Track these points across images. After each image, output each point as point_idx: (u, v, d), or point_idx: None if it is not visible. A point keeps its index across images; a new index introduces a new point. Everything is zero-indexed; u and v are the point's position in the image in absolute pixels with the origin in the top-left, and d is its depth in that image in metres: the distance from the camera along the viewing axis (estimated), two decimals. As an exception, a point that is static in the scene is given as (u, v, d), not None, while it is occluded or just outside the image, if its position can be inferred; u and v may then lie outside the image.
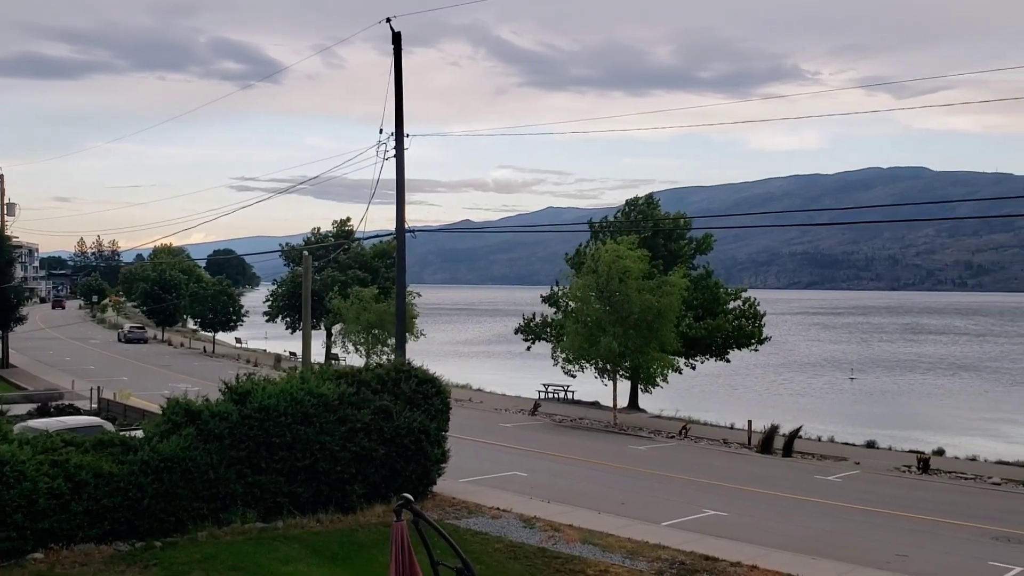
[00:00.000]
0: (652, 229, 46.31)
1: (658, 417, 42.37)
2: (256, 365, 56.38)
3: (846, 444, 35.53)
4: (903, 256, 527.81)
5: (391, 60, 27.34)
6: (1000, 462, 32.00)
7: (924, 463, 29.23)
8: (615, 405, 39.81)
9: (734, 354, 46.87)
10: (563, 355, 39.06)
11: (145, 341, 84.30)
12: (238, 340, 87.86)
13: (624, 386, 42.98)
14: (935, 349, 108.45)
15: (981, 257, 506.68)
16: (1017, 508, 23.53)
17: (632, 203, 49.29)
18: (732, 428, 38.33)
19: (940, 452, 33.55)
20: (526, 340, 49.02)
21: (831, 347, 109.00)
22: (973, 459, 32.72)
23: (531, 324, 48.57)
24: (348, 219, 74.92)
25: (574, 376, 41.05)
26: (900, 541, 18.85)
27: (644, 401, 45.85)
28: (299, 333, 61.40)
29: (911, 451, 33.58)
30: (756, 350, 47.64)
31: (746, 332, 44.80)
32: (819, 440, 35.81)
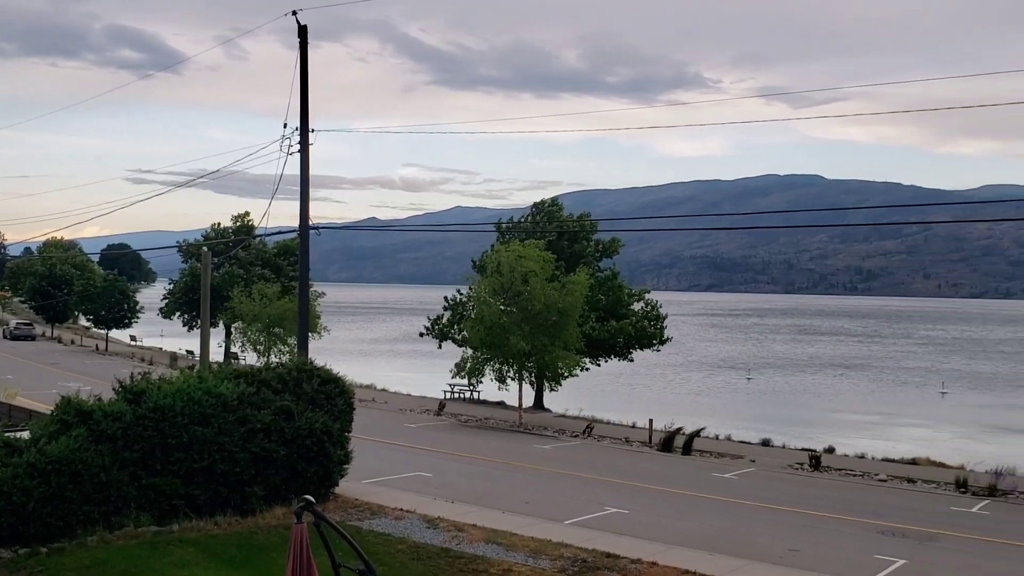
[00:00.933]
0: (556, 230, 46.80)
1: (563, 416, 42.79)
2: (151, 364, 54.64)
3: (743, 442, 36.54)
4: (798, 261, 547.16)
5: (297, 53, 26.87)
6: (886, 459, 33.42)
7: (816, 461, 30.34)
8: (520, 405, 40.02)
9: (636, 354, 47.77)
10: (466, 364, 38.77)
11: (33, 338, 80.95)
12: (133, 338, 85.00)
13: (529, 386, 43.26)
14: (826, 350, 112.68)
15: (871, 263, 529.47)
16: (901, 504, 24.62)
17: (539, 206, 49.88)
18: (634, 427, 38.99)
19: (831, 450, 34.84)
20: (435, 338, 48.86)
21: (729, 348, 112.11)
22: (861, 457, 34.08)
23: (437, 323, 48.43)
24: (247, 214, 73.09)
25: (477, 383, 41.09)
26: (793, 536, 19.49)
27: (549, 401, 46.26)
28: (196, 331, 59.60)
29: (803, 449, 34.77)
30: (658, 350, 48.68)
31: (648, 333, 45.71)
32: (717, 439, 36.74)
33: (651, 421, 35.74)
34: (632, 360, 48.67)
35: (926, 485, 27.71)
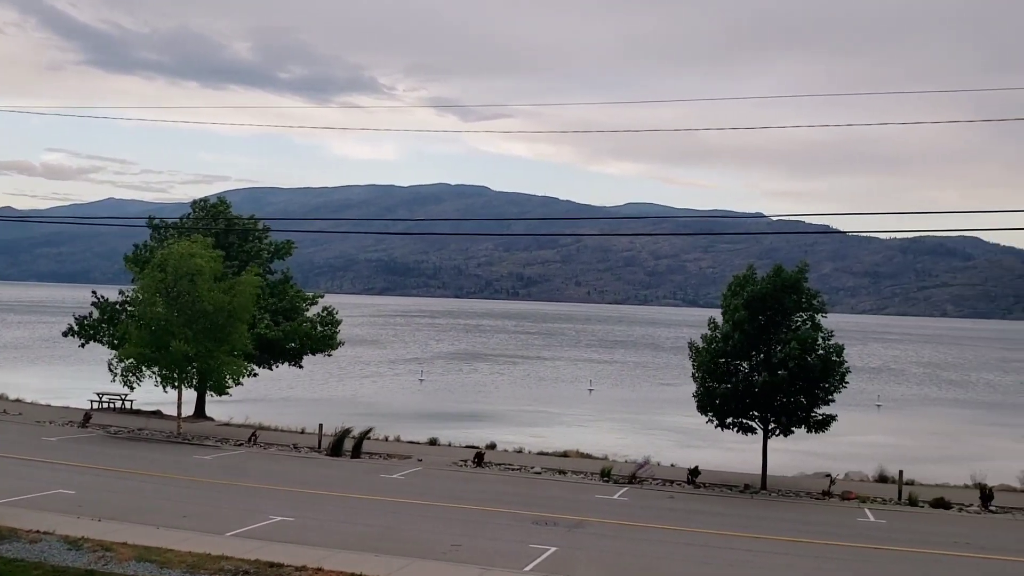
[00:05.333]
0: (220, 229, 44.57)
1: (227, 425, 40.95)
2: None
3: (411, 442, 37.28)
4: (466, 266, 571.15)
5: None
6: (542, 453, 35.76)
7: (479, 457, 31.75)
8: (179, 414, 37.68)
9: (308, 359, 46.98)
10: (124, 363, 35.93)
11: None
12: None
13: (190, 394, 40.94)
14: (489, 349, 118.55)
15: (530, 270, 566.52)
16: (553, 494, 26.48)
17: (200, 205, 46.99)
18: (304, 432, 38.30)
19: (492, 446, 36.63)
20: (80, 339, 44.47)
21: (402, 349, 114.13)
22: (520, 451, 36.17)
23: (84, 322, 44.15)
24: None
25: (133, 388, 38.07)
26: (455, 532, 20.19)
27: (212, 408, 44.06)
28: None
29: (468, 446, 36.22)
30: (330, 355, 48.19)
31: (324, 340, 45.08)
32: (387, 439, 37.18)
33: (321, 426, 35.34)
34: (302, 367, 47.81)
35: (575, 476, 30.05)
